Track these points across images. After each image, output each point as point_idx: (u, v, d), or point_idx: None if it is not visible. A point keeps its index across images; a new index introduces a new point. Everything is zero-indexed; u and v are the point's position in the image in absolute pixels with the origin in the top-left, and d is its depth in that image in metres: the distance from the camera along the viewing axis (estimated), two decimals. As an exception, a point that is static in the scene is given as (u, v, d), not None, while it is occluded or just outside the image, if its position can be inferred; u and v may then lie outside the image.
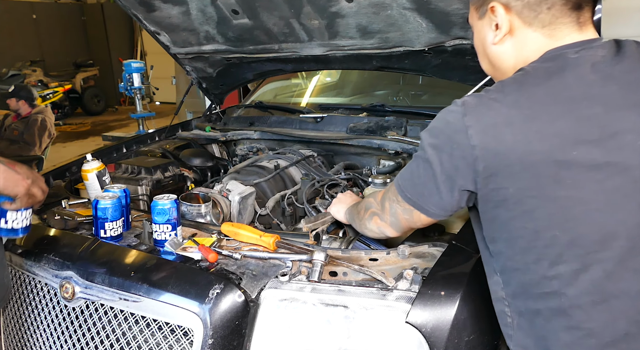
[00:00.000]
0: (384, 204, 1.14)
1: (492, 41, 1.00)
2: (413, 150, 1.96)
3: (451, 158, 0.91)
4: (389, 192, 1.12)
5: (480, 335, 1.08)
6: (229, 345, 1.13)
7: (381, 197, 1.17)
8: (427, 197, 0.99)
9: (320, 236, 1.49)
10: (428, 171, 0.96)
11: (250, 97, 3.00)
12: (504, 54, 1.00)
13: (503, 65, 1.01)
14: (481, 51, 1.07)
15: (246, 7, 1.79)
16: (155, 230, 1.36)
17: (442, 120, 0.94)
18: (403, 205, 1.05)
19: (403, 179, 1.05)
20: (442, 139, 0.93)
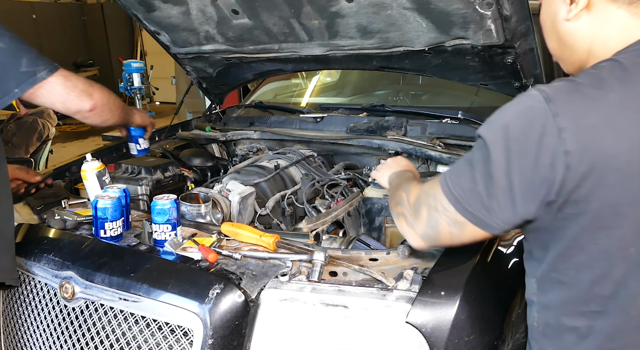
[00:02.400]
0: (418, 210, 0.97)
1: (565, 17, 0.88)
2: (413, 150, 1.96)
3: (537, 166, 0.78)
4: (430, 198, 0.95)
5: (480, 335, 1.08)
6: (229, 345, 1.13)
7: (415, 199, 1.00)
8: (496, 212, 0.84)
9: (320, 236, 1.49)
10: (501, 181, 0.81)
11: (250, 97, 3.00)
12: (578, 32, 0.89)
13: (575, 44, 0.90)
14: (549, 27, 0.95)
15: (246, 7, 1.79)
16: (155, 230, 1.36)
17: (520, 119, 0.80)
18: (454, 217, 0.89)
19: (460, 188, 0.88)
20: (524, 143, 0.79)
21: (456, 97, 2.49)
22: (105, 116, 1.46)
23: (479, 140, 0.87)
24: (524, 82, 1.81)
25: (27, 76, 1.25)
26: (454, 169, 0.93)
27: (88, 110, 1.38)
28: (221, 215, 1.65)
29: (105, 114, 1.45)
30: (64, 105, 1.34)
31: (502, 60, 1.72)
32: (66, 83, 1.32)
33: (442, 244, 0.98)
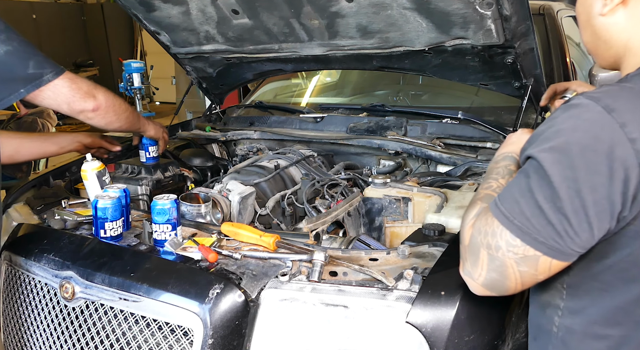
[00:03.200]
0: (476, 253, 0.85)
1: (600, 11, 0.87)
2: (413, 150, 1.96)
3: (610, 181, 0.73)
4: (487, 236, 0.83)
5: (480, 335, 1.08)
6: (229, 345, 1.13)
7: (469, 240, 0.87)
8: (572, 237, 0.76)
9: (320, 236, 1.49)
10: (573, 202, 0.74)
11: (250, 97, 3.00)
12: (613, 27, 0.87)
13: (611, 40, 0.88)
14: (584, 21, 0.94)
15: (246, 7, 1.79)
16: (155, 230, 1.36)
17: (582, 133, 0.75)
18: (523, 252, 0.79)
19: (523, 217, 0.79)
20: (593, 158, 0.73)
21: (456, 97, 2.49)
22: (109, 118, 1.50)
23: (530, 162, 0.80)
24: (524, 82, 1.81)
25: (34, 78, 1.29)
26: (506, 198, 0.83)
27: (91, 110, 1.42)
28: (221, 215, 1.65)
29: (109, 116, 1.49)
30: (69, 107, 1.39)
31: (502, 60, 1.72)
32: (72, 85, 1.36)
33: (510, 289, 0.84)
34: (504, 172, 1.02)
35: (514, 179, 0.85)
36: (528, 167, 0.81)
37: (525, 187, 0.80)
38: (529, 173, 0.80)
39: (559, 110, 0.81)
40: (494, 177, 1.01)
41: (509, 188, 0.84)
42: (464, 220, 0.94)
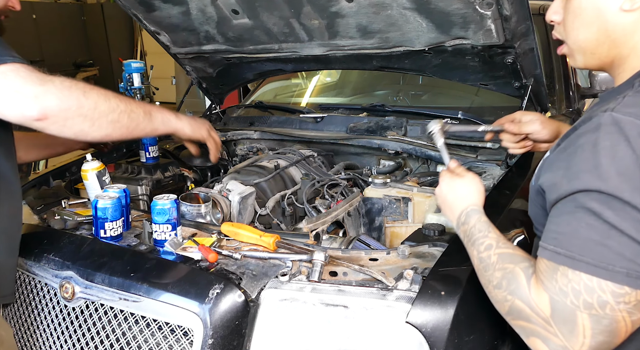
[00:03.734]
0: (572, 319, 0.73)
1: (624, 7, 0.80)
2: (413, 150, 1.96)
3: None
4: (579, 297, 0.72)
5: (480, 335, 1.08)
6: (229, 345, 1.13)
7: (551, 309, 0.75)
8: None
9: (320, 236, 1.49)
10: None
11: (250, 97, 3.00)
12: (630, 25, 0.80)
13: (621, 39, 0.82)
14: (591, 17, 0.84)
15: (246, 7, 1.79)
16: (155, 230, 1.36)
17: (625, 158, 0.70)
18: (636, 297, 0.70)
19: (624, 259, 0.70)
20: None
21: (456, 97, 2.49)
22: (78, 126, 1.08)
23: (589, 195, 0.72)
24: (524, 82, 1.81)
25: None
26: (582, 246, 0.72)
27: (36, 119, 1.01)
28: (221, 215, 1.65)
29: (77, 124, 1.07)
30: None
31: (502, 60, 1.72)
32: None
33: (618, 344, 0.74)
34: (485, 227, 0.95)
35: (566, 219, 0.75)
36: (587, 202, 0.72)
37: (604, 226, 0.71)
38: (596, 210, 0.71)
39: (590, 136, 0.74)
40: (482, 236, 0.94)
41: (572, 233, 0.73)
42: (508, 293, 0.81)
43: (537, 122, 1.30)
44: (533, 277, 0.79)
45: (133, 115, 1.21)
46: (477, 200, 1.06)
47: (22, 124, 1.03)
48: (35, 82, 1.00)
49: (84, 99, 1.07)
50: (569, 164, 0.76)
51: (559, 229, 0.76)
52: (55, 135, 1.09)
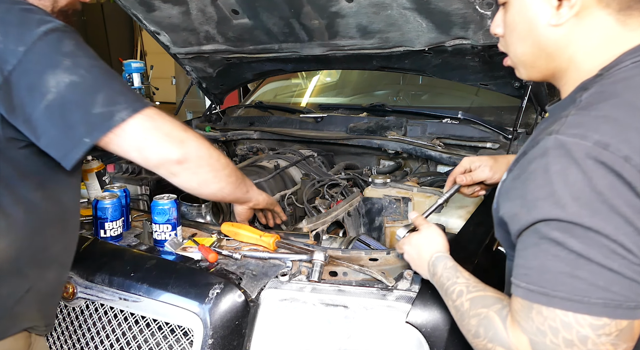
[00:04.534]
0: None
1: (551, 22, 0.79)
2: (413, 150, 1.96)
3: None
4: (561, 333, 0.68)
5: (480, 335, 1.08)
6: (229, 345, 1.12)
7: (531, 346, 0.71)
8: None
9: (320, 236, 1.49)
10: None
11: (250, 97, 3.00)
12: (562, 39, 0.80)
13: (556, 52, 0.82)
14: (524, 31, 0.84)
15: (246, 7, 1.79)
16: (155, 230, 1.36)
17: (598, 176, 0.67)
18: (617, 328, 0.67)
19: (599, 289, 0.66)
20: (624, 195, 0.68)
21: (456, 97, 2.49)
22: (203, 175, 1.10)
23: (550, 225, 0.69)
24: (524, 82, 1.81)
25: (102, 119, 0.94)
26: (552, 280, 0.69)
27: (176, 162, 1.03)
28: (221, 215, 1.65)
29: (203, 172, 1.10)
30: (140, 154, 1.01)
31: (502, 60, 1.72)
32: (145, 124, 0.98)
33: None
34: (452, 273, 0.93)
35: (533, 252, 0.71)
36: (549, 233, 0.69)
37: (571, 256, 0.67)
38: (559, 240, 0.68)
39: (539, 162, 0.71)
40: (452, 284, 0.91)
41: (541, 267, 0.70)
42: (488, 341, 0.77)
43: (486, 168, 1.27)
44: (509, 319, 0.75)
45: (238, 174, 1.25)
46: (440, 247, 1.05)
47: (153, 167, 1.06)
48: (179, 127, 1.05)
49: (212, 150, 1.12)
50: (524, 192, 0.73)
51: (527, 264, 0.72)
52: (177, 184, 1.12)
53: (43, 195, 1.03)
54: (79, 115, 0.93)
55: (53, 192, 1.06)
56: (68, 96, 0.92)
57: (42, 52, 0.91)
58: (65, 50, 0.93)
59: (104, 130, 0.95)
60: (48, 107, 0.91)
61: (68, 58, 0.92)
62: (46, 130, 0.93)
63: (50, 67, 0.91)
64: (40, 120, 0.92)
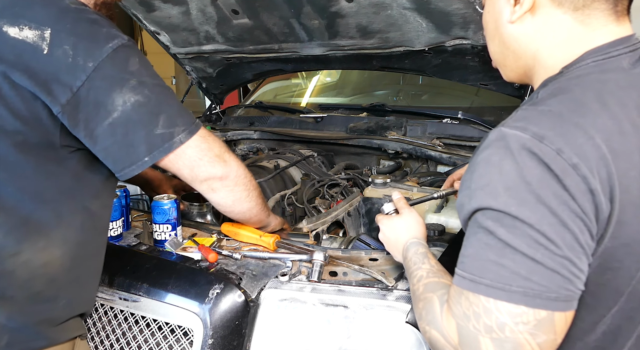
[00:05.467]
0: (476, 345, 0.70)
1: (509, 19, 0.83)
2: (413, 150, 1.96)
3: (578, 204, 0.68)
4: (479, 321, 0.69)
5: (480, 335, 1.08)
6: (229, 345, 1.13)
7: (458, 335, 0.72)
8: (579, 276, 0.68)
9: (320, 236, 1.49)
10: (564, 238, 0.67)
11: (250, 97, 3.00)
12: (522, 36, 0.83)
13: (519, 50, 0.84)
14: (492, 30, 0.89)
15: (246, 7, 1.79)
16: (155, 230, 1.36)
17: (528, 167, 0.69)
18: (535, 318, 0.67)
19: (520, 278, 0.67)
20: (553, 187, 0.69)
21: (456, 97, 2.49)
22: (238, 193, 1.16)
23: (485, 214, 0.71)
24: (524, 82, 1.81)
25: (162, 140, 0.98)
26: (481, 267, 0.70)
27: (219, 178, 1.10)
28: (221, 215, 1.64)
29: (238, 190, 1.15)
30: (191, 172, 1.06)
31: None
32: (201, 145, 1.05)
33: None
34: (420, 259, 0.95)
35: (471, 241, 0.73)
36: (484, 222, 0.71)
37: (499, 244, 0.69)
38: (490, 228, 0.69)
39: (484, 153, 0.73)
40: (416, 268, 0.93)
41: (474, 255, 0.71)
42: (426, 323, 0.79)
43: None
44: (445, 304, 0.77)
45: (262, 196, 1.29)
46: (417, 233, 1.07)
47: (198, 182, 1.10)
48: (223, 147, 1.11)
49: (248, 171, 1.18)
50: (470, 182, 0.74)
51: (464, 252, 0.74)
52: (214, 200, 1.17)
53: (100, 204, 1.08)
54: (142, 135, 0.96)
55: (106, 200, 1.11)
56: (133, 116, 0.95)
57: (110, 69, 0.93)
58: (132, 68, 0.95)
59: (164, 151, 0.99)
60: (112, 125, 0.94)
61: (134, 77, 0.95)
62: (107, 146, 0.96)
63: (117, 86, 0.93)
64: (102, 136, 0.95)
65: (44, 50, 0.89)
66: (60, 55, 0.89)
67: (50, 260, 0.99)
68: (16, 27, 0.89)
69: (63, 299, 1.03)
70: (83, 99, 0.91)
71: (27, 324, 0.98)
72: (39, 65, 0.89)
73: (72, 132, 0.95)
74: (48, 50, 0.89)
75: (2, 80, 0.89)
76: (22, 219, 0.95)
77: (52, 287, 1.01)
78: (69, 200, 1.01)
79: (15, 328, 0.96)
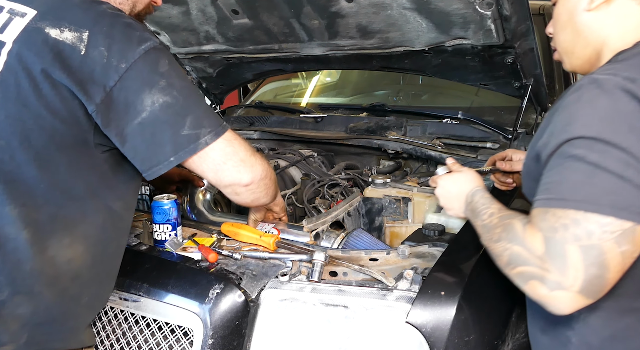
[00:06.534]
0: (562, 255, 0.76)
1: (586, 7, 0.93)
2: (413, 150, 1.96)
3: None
4: (568, 231, 0.76)
5: (480, 335, 1.08)
6: (229, 345, 1.13)
7: (545, 245, 0.78)
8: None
9: (320, 236, 1.49)
10: None
11: (250, 97, 3.00)
12: (596, 23, 0.93)
13: (591, 36, 0.94)
14: (565, 20, 0.99)
15: (246, 7, 1.79)
16: (155, 230, 1.36)
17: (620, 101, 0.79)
18: (620, 227, 0.74)
19: (610, 193, 0.75)
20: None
21: (456, 97, 2.49)
22: (258, 193, 1.17)
23: (574, 144, 0.78)
24: (524, 82, 1.81)
25: (188, 141, 1.00)
26: (572, 188, 0.77)
27: (244, 185, 1.10)
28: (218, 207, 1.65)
29: (259, 191, 1.16)
30: (215, 176, 1.07)
31: (502, 60, 1.72)
32: (226, 149, 1.05)
33: (609, 283, 0.76)
34: (488, 201, 1.02)
35: (556, 170, 0.80)
36: (573, 150, 0.78)
37: (589, 168, 0.76)
38: (580, 155, 0.77)
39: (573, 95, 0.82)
40: (486, 207, 0.99)
41: (561, 180, 0.79)
42: (507, 242, 0.85)
43: None
44: (527, 224, 0.83)
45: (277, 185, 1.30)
46: (479, 183, 1.14)
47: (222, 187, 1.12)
48: (250, 151, 1.11)
49: (270, 170, 1.19)
50: (555, 123, 0.83)
51: (548, 181, 0.82)
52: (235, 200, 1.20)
53: (123, 205, 1.11)
54: (169, 135, 0.99)
55: (130, 202, 1.14)
56: (161, 116, 0.97)
57: (141, 70, 0.96)
58: (162, 70, 0.98)
59: (190, 152, 1.01)
60: (141, 124, 0.97)
61: (163, 78, 0.98)
62: (135, 145, 0.99)
63: (147, 86, 0.96)
64: (131, 135, 0.98)
65: (81, 51, 0.93)
66: (96, 56, 0.93)
67: (74, 256, 1.02)
68: (57, 29, 0.93)
69: (86, 297, 1.06)
70: (115, 98, 0.95)
71: (49, 321, 1.00)
72: (76, 65, 0.93)
73: (104, 131, 0.98)
74: (85, 51, 0.93)
75: (43, 79, 0.92)
76: (50, 216, 0.98)
77: (77, 283, 1.03)
78: (94, 198, 1.04)
79: (36, 324, 0.98)
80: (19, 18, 0.95)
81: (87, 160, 1.01)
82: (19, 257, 0.95)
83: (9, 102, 0.93)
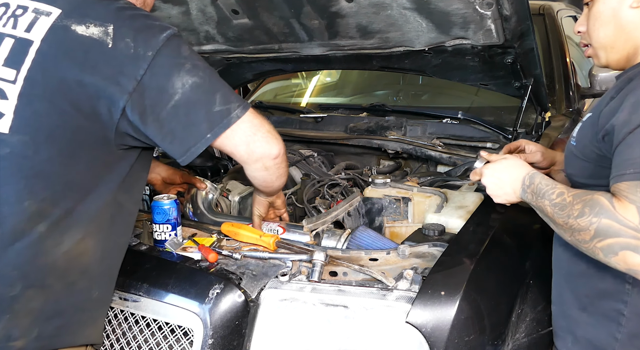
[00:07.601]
0: None
1: (632, 5, 1.01)
2: (413, 150, 1.96)
3: None
4: None
5: (480, 335, 1.08)
6: (229, 345, 1.13)
7: (639, 213, 0.84)
8: None
9: (320, 236, 1.49)
10: None
11: (250, 97, 3.00)
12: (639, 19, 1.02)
13: (633, 32, 1.03)
14: (607, 17, 1.06)
15: (246, 7, 1.79)
16: (155, 230, 1.36)
17: None
18: None
19: None
20: None
21: (456, 97, 2.49)
22: (282, 168, 1.18)
23: None
24: (524, 82, 1.81)
25: (221, 116, 1.02)
26: None
27: (274, 157, 1.12)
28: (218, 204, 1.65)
29: (283, 166, 1.18)
30: (247, 148, 1.08)
31: (502, 60, 1.72)
32: (254, 120, 1.08)
33: None
34: (551, 182, 1.04)
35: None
36: None
37: None
38: None
39: None
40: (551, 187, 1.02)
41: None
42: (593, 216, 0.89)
43: (539, 153, 1.40)
44: (614, 198, 0.87)
45: None
46: (530, 168, 1.14)
47: (253, 161, 1.12)
48: (270, 124, 1.13)
49: None
50: (635, 104, 0.90)
51: (632, 156, 0.87)
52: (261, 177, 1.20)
53: (130, 199, 1.14)
54: (203, 113, 1.02)
55: (136, 196, 1.17)
56: (192, 96, 1.00)
57: (167, 56, 0.99)
58: (185, 54, 1.02)
59: (224, 127, 1.03)
60: (175, 107, 1.00)
61: (188, 61, 1.01)
62: (172, 128, 1.01)
63: (175, 70, 1.00)
64: (167, 119, 1.00)
65: (108, 45, 0.96)
66: (123, 47, 0.96)
67: (85, 250, 1.04)
68: (83, 26, 0.97)
69: (96, 291, 1.07)
70: (147, 86, 0.98)
71: (59, 314, 1.01)
72: (105, 59, 0.96)
73: (140, 121, 0.99)
74: (112, 44, 0.96)
75: (71, 77, 0.95)
76: (67, 211, 1.00)
77: (85, 277, 1.05)
78: (108, 194, 1.06)
79: (46, 319, 0.99)
80: (44, 17, 0.98)
81: (105, 158, 1.03)
82: (34, 251, 0.97)
83: (36, 99, 0.95)
